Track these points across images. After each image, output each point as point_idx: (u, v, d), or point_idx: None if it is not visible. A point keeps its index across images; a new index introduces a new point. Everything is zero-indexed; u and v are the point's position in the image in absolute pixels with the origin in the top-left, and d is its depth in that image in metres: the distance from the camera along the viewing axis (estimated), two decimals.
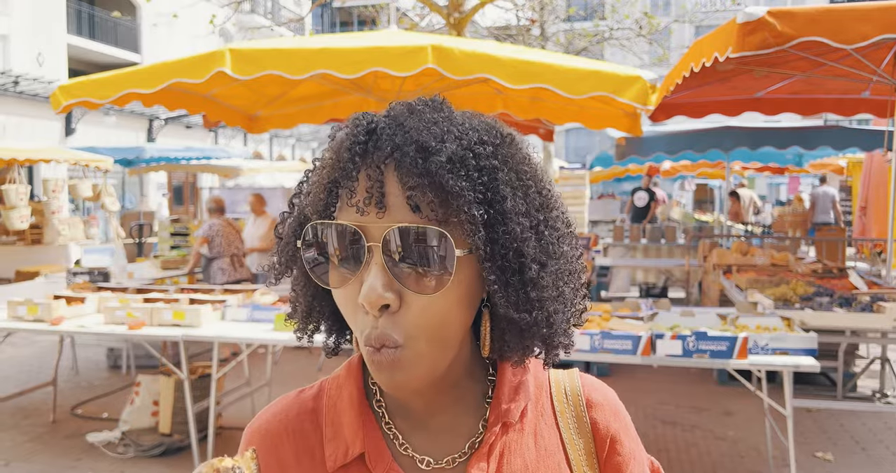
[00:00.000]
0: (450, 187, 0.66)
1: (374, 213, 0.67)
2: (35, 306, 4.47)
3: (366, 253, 0.68)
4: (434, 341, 0.70)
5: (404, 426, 0.80)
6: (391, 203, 0.67)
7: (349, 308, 0.71)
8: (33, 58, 17.40)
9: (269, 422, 0.83)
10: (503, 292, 0.70)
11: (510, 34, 13.34)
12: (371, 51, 4.37)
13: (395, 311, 0.68)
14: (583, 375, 0.88)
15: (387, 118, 0.72)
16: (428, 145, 0.68)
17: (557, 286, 0.74)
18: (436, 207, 0.67)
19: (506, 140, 0.74)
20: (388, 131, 0.70)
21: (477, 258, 0.69)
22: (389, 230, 0.67)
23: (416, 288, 0.68)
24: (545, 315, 0.73)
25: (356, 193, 0.69)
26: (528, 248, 0.70)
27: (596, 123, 5.91)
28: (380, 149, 0.68)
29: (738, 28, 3.49)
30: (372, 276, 0.67)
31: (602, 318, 4.03)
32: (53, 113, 5.13)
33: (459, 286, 0.69)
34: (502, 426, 0.78)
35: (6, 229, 10.68)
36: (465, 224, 0.67)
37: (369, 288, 0.66)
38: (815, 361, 3.48)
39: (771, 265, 6.15)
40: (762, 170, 14.01)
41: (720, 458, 4.50)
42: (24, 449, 4.68)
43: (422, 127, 0.69)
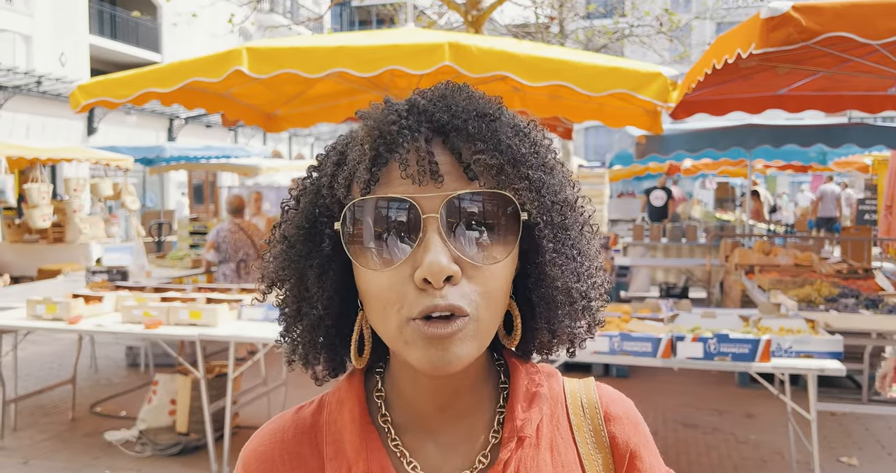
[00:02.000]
0: (515, 150, 0.68)
1: (430, 184, 0.65)
2: (54, 305, 4.49)
3: (421, 228, 0.64)
4: (493, 314, 0.68)
5: (412, 442, 0.75)
6: (446, 172, 0.66)
7: (396, 291, 0.65)
8: (56, 58, 17.60)
9: (266, 446, 0.79)
10: (561, 260, 0.71)
11: (529, 32, 13.27)
12: (387, 49, 4.34)
13: (455, 283, 0.64)
14: (599, 385, 0.84)
15: (423, 98, 0.71)
16: (488, 111, 0.69)
17: (597, 257, 0.75)
18: (495, 174, 0.66)
19: (532, 124, 0.75)
20: (435, 104, 0.69)
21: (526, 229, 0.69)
22: (449, 198, 0.65)
23: (478, 259, 0.65)
24: (592, 285, 0.74)
25: (408, 164, 0.66)
26: (577, 217, 0.74)
27: (616, 121, 5.84)
28: (429, 121, 0.68)
29: (761, 23, 3.41)
30: (433, 248, 0.63)
31: (621, 319, 3.98)
32: (76, 113, 5.16)
33: (513, 261, 0.69)
34: (517, 440, 0.74)
35: (29, 228, 10.82)
36: (524, 191, 0.67)
37: (432, 260, 0.62)
38: (840, 364, 3.40)
39: (794, 265, 6.05)
40: (785, 169, 13.81)
41: (742, 462, 4.42)
42: (43, 447, 4.71)
43: (474, 97, 0.71)
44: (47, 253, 10.71)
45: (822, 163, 11.79)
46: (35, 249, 10.92)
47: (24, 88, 14.77)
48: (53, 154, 10.27)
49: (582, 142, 31.05)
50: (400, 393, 0.77)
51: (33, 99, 15.51)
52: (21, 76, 14.08)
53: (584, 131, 30.67)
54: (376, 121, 0.69)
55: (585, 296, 0.72)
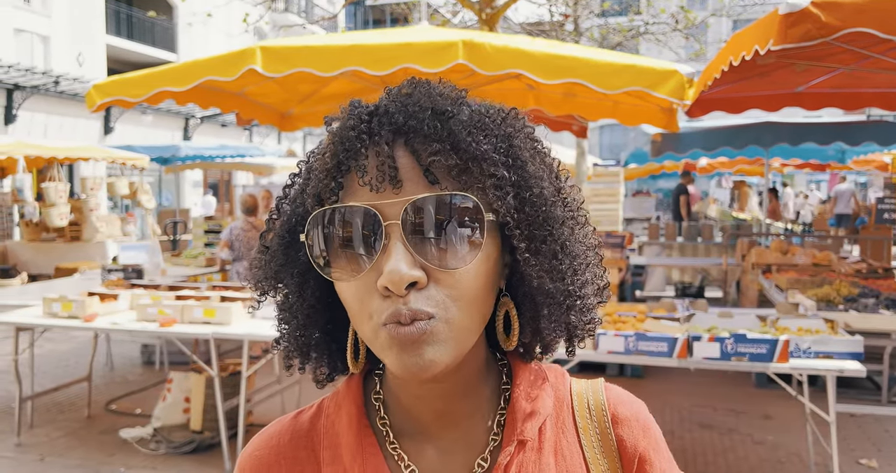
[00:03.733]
0: (474, 149, 0.64)
1: (388, 190, 0.63)
2: (69, 303, 4.52)
3: (383, 235, 0.63)
4: (465, 313, 0.65)
5: (410, 446, 0.74)
6: (406, 177, 0.64)
7: (363, 301, 0.65)
8: (73, 58, 17.76)
9: (262, 450, 0.78)
10: (535, 260, 0.67)
11: (543, 30, 13.22)
12: (401, 47, 4.32)
13: (422, 288, 0.63)
14: (608, 387, 0.81)
15: (387, 98, 0.69)
16: (444, 109, 0.66)
17: (586, 254, 0.71)
18: (457, 175, 0.64)
19: (511, 113, 0.72)
20: (394, 105, 0.67)
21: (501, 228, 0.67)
22: (409, 204, 0.63)
23: (444, 264, 0.63)
24: (578, 284, 0.70)
25: (366, 172, 0.64)
26: (557, 212, 0.69)
27: (631, 119, 5.79)
28: (388, 124, 0.66)
29: (780, 19, 3.36)
30: (394, 256, 0.62)
31: (637, 319, 3.94)
32: (92, 112, 5.19)
33: (486, 261, 0.66)
34: (517, 444, 0.71)
35: (46, 226, 10.91)
36: (490, 189, 0.64)
37: (392, 268, 0.61)
38: (860, 365, 3.34)
39: (812, 264, 5.98)
40: (802, 167, 13.67)
41: (759, 463, 4.37)
42: (59, 444, 4.74)
43: (433, 94, 0.68)
44: (64, 252, 10.80)
45: (841, 161, 11.66)
46: (52, 248, 11.02)
47: (41, 88, 14.92)
48: (70, 153, 10.35)
49: (597, 141, 30.91)
50: (396, 397, 0.75)
51: (51, 99, 15.66)
52: (39, 76, 14.22)
53: (598, 129, 30.53)
54: (338, 128, 0.68)
55: (570, 295, 0.69)
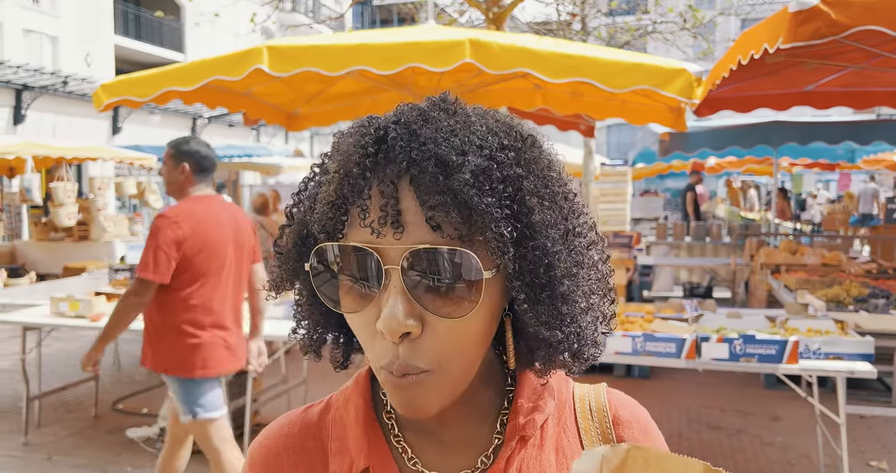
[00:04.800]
0: (475, 205, 0.61)
1: (390, 234, 0.62)
2: (76, 302, 4.53)
3: (384, 277, 0.62)
4: (460, 364, 0.66)
5: (415, 440, 0.75)
6: (409, 221, 0.62)
7: (365, 333, 0.66)
8: (82, 58, 17.83)
9: (271, 439, 0.80)
10: (533, 310, 0.66)
11: (550, 29, 13.19)
12: (408, 46, 4.31)
13: (416, 337, 0.63)
14: (610, 391, 0.83)
15: (397, 125, 0.65)
16: (449, 160, 0.61)
17: (588, 297, 0.69)
18: (459, 226, 0.61)
19: (527, 142, 0.68)
20: (400, 142, 0.63)
21: (504, 276, 0.65)
22: (409, 252, 0.61)
23: (440, 312, 0.63)
24: (576, 329, 0.68)
25: (369, 212, 0.63)
26: (559, 262, 0.65)
27: (639, 118, 5.76)
28: (393, 163, 0.63)
29: (790, 17, 3.33)
30: (391, 302, 0.61)
31: (644, 320, 3.92)
32: (100, 112, 5.20)
33: (484, 307, 0.65)
34: (519, 440, 0.73)
35: (55, 226, 10.96)
36: (491, 242, 0.62)
37: (389, 316, 0.61)
38: (870, 366, 3.31)
39: (822, 265, 5.94)
40: (811, 167, 13.60)
41: (768, 465, 4.34)
42: (66, 444, 4.75)
43: (439, 138, 0.63)
44: (72, 251, 10.85)
45: (851, 160, 11.59)
46: (60, 247, 11.06)
47: (50, 88, 14.98)
48: (79, 153, 10.39)
49: (604, 140, 30.83)
50: None
51: (59, 99, 15.73)
52: (47, 76, 14.29)
53: (606, 129, 30.46)
54: (345, 154, 0.65)
55: (567, 340, 0.68)
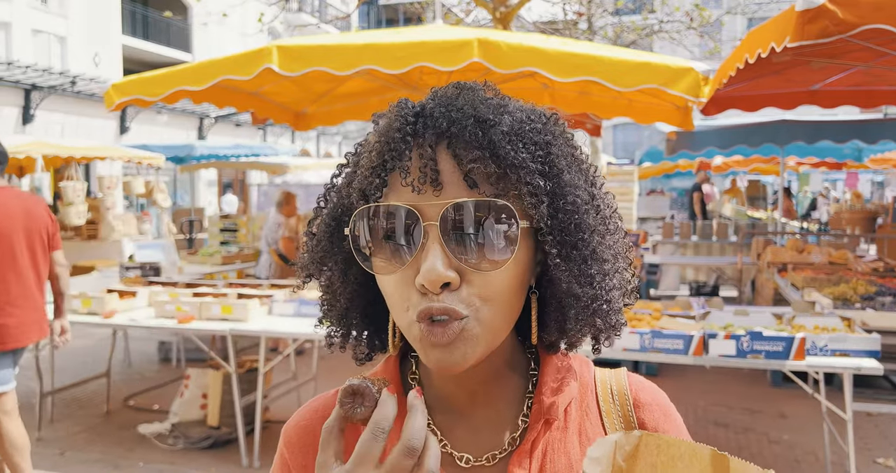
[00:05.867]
0: (512, 158, 0.66)
1: (429, 192, 0.66)
2: (89, 299, 4.58)
3: (422, 234, 0.66)
4: (494, 316, 0.68)
5: (443, 422, 0.78)
6: (446, 180, 0.67)
7: (401, 294, 0.69)
8: (90, 58, 17.91)
9: (306, 419, 0.83)
10: (566, 265, 0.70)
11: (556, 28, 13.19)
12: (416, 45, 4.34)
13: (455, 288, 0.66)
14: (630, 374, 0.86)
15: (433, 100, 0.71)
16: (486, 117, 0.68)
17: (614, 260, 0.74)
18: (495, 181, 0.67)
19: (551, 119, 0.74)
20: (439, 109, 0.69)
21: (535, 233, 0.70)
22: (447, 207, 0.65)
23: (478, 266, 0.66)
24: (606, 289, 0.72)
25: (409, 173, 0.67)
26: (589, 220, 0.71)
27: (645, 117, 5.78)
28: (433, 127, 0.68)
29: (797, 16, 3.35)
30: (431, 256, 0.65)
31: (652, 317, 3.94)
32: (109, 112, 5.25)
33: (517, 262, 0.68)
34: (545, 423, 0.76)
35: (64, 225, 11.02)
36: (526, 196, 0.67)
37: (430, 268, 0.64)
38: (877, 363, 3.33)
39: (829, 263, 5.94)
40: (818, 166, 13.55)
41: (775, 462, 4.35)
42: (79, 439, 4.81)
43: (476, 102, 0.69)
44: (81, 250, 10.89)
45: (858, 159, 11.55)
46: (69, 246, 11.08)
47: (58, 88, 15.05)
48: (87, 152, 10.44)
49: (611, 140, 30.80)
50: (431, 378, 0.80)
51: (68, 99, 15.80)
52: (56, 76, 14.35)
53: (612, 128, 30.41)
54: (385, 127, 0.71)
55: (596, 299, 0.72)
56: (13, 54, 15.28)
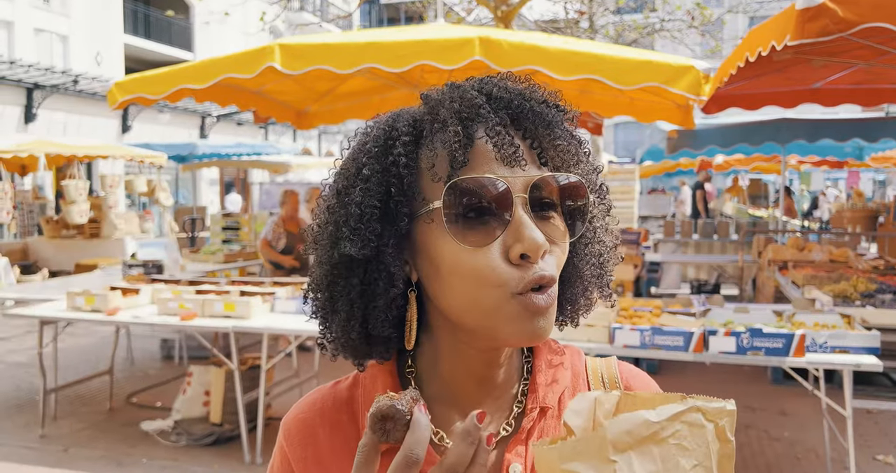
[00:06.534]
0: (577, 138, 0.75)
1: (516, 167, 0.69)
2: (92, 297, 4.60)
3: (512, 206, 0.68)
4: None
5: (440, 413, 0.79)
6: (525, 156, 0.70)
7: (490, 269, 0.67)
8: (92, 57, 17.94)
9: (306, 413, 0.83)
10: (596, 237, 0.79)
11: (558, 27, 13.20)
12: (418, 44, 4.36)
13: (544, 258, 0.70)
14: (621, 363, 0.88)
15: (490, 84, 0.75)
16: (557, 102, 0.77)
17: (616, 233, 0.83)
18: (562, 159, 0.73)
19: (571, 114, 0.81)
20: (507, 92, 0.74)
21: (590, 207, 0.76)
22: (537, 179, 0.69)
23: (557, 237, 0.71)
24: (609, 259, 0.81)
25: (501, 147, 0.69)
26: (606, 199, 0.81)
27: (646, 116, 5.79)
28: (510, 107, 0.72)
29: (797, 14, 3.36)
30: (527, 226, 0.68)
31: (653, 314, 3.95)
32: (111, 111, 5.27)
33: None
34: (539, 411, 0.77)
35: (67, 223, 11.05)
36: (588, 175, 0.76)
37: (532, 236, 0.67)
38: (877, 360, 3.34)
39: (829, 261, 5.95)
40: (820, 165, 13.55)
41: (775, 459, 4.37)
42: (82, 436, 4.83)
43: (537, 88, 0.77)
44: (84, 249, 10.93)
45: (859, 158, 11.56)
46: (72, 244, 11.15)
47: (61, 87, 15.07)
48: (90, 151, 10.46)
49: (612, 139, 30.79)
50: (437, 369, 0.80)
51: (70, 98, 15.83)
52: (58, 75, 14.38)
53: (614, 127, 30.41)
54: (459, 103, 0.71)
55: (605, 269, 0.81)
56: (15, 53, 15.30)
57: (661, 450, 0.58)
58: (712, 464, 0.60)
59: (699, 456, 0.59)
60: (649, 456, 0.58)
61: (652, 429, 0.58)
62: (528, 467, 0.74)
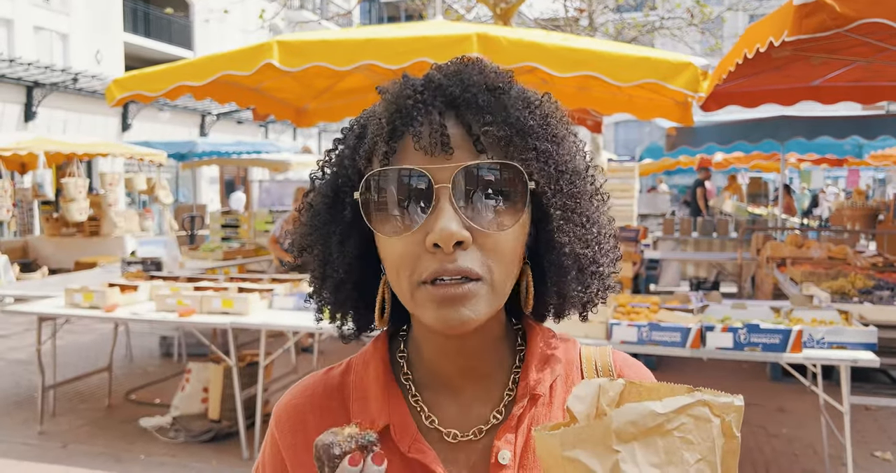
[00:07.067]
0: (523, 122, 0.71)
1: (440, 156, 0.68)
2: (90, 293, 4.60)
3: (434, 197, 0.68)
4: (505, 277, 0.72)
5: (432, 398, 0.80)
6: (457, 145, 0.69)
7: (407, 257, 0.70)
8: (92, 55, 17.94)
9: (297, 399, 0.84)
10: (568, 227, 0.74)
11: (557, 25, 13.19)
12: (416, 40, 4.36)
13: (465, 249, 0.68)
14: (615, 352, 0.88)
15: (439, 72, 0.75)
16: (496, 85, 0.73)
17: (609, 224, 0.80)
18: (504, 146, 0.70)
19: (545, 98, 0.78)
20: (447, 79, 0.73)
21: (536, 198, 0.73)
22: (459, 169, 0.68)
23: (488, 226, 0.69)
24: (602, 252, 0.78)
25: (421, 137, 0.69)
26: (587, 186, 0.77)
27: (645, 113, 5.79)
28: (442, 95, 0.71)
29: (794, 10, 3.36)
30: (444, 217, 0.67)
31: (650, 310, 3.95)
32: (111, 109, 5.27)
33: (522, 227, 0.72)
34: (530, 398, 0.77)
35: (66, 221, 11.06)
36: (533, 161, 0.71)
37: (444, 227, 0.66)
38: (874, 356, 3.34)
39: (828, 258, 5.95)
40: (819, 163, 13.55)
41: (774, 456, 4.38)
42: (81, 432, 4.83)
43: (485, 71, 0.74)
44: (84, 246, 10.94)
45: (858, 156, 11.55)
46: (72, 242, 11.16)
47: (61, 85, 15.07)
48: (89, 149, 10.47)
49: (612, 137, 30.79)
50: (421, 354, 0.81)
51: (70, 96, 15.83)
52: (58, 73, 14.38)
53: (614, 126, 30.42)
54: (393, 95, 0.73)
55: (594, 262, 0.77)
56: (15, 51, 15.31)
57: (665, 443, 0.58)
58: (716, 459, 0.60)
59: (703, 451, 0.59)
60: (653, 448, 0.58)
61: (657, 421, 0.57)
62: (517, 454, 0.75)
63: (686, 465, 0.58)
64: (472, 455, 0.76)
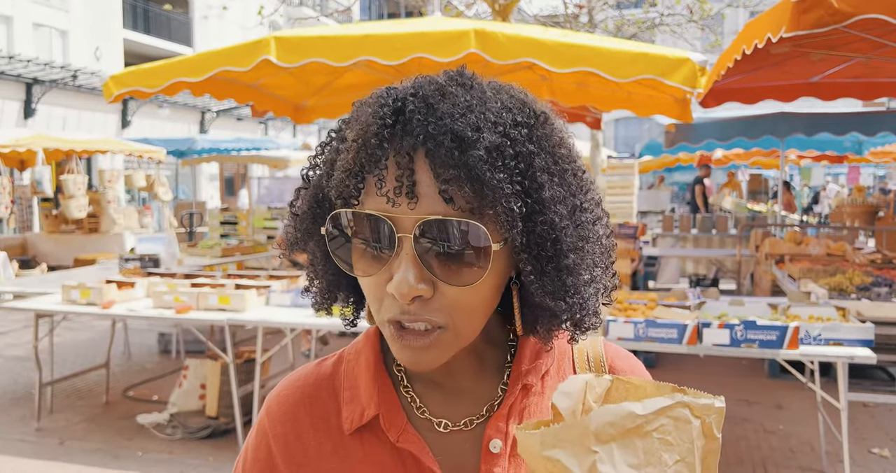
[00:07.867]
0: (487, 180, 0.63)
1: (404, 203, 0.65)
2: (88, 290, 4.60)
3: (396, 244, 0.66)
4: (467, 325, 0.70)
5: (422, 389, 0.80)
6: (422, 192, 0.64)
7: (376, 294, 0.70)
8: (91, 52, 17.93)
9: (288, 390, 0.84)
10: (539, 282, 0.69)
11: (557, 22, 13.16)
12: (414, 36, 4.34)
13: (428, 299, 0.67)
14: (607, 343, 0.87)
15: (415, 98, 0.67)
16: (464, 136, 0.64)
17: (592, 269, 0.72)
18: (471, 199, 0.64)
19: (540, 119, 0.70)
20: (418, 116, 0.65)
21: (511, 249, 0.68)
22: (421, 222, 0.64)
23: (450, 280, 0.66)
24: (580, 300, 0.71)
25: (385, 182, 0.65)
26: (566, 236, 0.68)
27: (645, 110, 5.78)
28: (410, 135, 0.65)
29: (792, 6, 3.35)
30: (403, 268, 0.65)
31: (647, 307, 3.95)
32: (110, 105, 5.26)
33: (491, 276, 0.68)
34: (522, 388, 0.78)
35: (65, 218, 11.06)
36: (501, 216, 0.64)
37: (401, 280, 0.64)
38: (871, 352, 3.34)
39: (826, 255, 5.95)
40: (819, 160, 13.54)
41: (771, 453, 4.37)
42: (78, 429, 4.83)
43: (456, 114, 0.65)
44: (83, 243, 10.95)
45: (858, 152, 11.55)
46: (71, 239, 11.16)
47: (60, 82, 15.06)
48: (89, 146, 10.46)
49: (612, 134, 30.78)
50: None
51: (69, 92, 15.82)
52: (57, 70, 14.37)
53: (613, 123, 30.40)
54: (363, 125, 0.68)
55: (570, 310, 0.71)
56: (14, 48, 15.30)
57: (644, 444, 0.58)
58: (695, 460, 0.59)
59: (682, 452, 0.59)
60: (632, 449, 0.58)
61: (636, 422, 0.57)
62: (508, 443, 0.75)
63: (664, 466, 0.58)
64: (463, 445, 0.76)
